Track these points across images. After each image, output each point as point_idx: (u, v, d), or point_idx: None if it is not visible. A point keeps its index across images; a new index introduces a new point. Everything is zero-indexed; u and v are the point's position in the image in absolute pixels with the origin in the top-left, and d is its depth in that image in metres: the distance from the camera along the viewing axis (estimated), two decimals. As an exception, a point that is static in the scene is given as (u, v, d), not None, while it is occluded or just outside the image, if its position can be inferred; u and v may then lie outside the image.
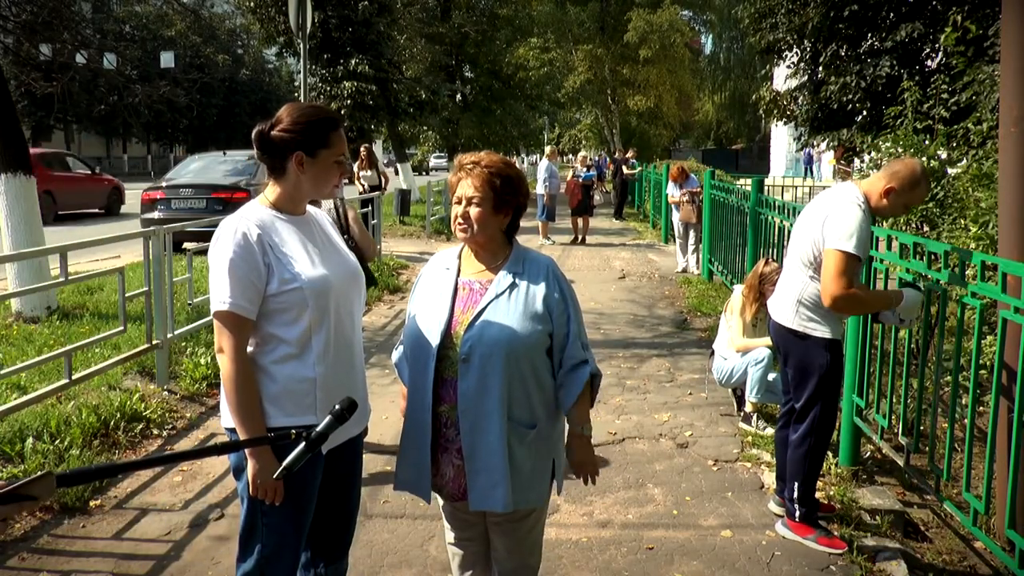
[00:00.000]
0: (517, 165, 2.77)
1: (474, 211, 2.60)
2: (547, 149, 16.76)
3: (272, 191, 2.58)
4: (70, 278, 5.69)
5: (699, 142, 64.70)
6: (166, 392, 6.32)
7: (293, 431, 1.99)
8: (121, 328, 6.15)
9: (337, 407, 2.04)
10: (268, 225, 2.49)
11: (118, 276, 6.14)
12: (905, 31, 12.11)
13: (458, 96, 25.55)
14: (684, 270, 12.94)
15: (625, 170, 23.61)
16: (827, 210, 3.88)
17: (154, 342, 6.39)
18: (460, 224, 2.63)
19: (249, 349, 2.46)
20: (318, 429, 1.99)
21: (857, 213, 3.76)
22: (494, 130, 28.38)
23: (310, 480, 2.56)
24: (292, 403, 2.46)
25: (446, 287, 2.69)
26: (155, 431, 5.70)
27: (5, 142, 8.21)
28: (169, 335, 6.56)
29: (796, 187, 20.67)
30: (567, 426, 2.77)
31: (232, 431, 2.51)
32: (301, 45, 10.71)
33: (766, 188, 11.29)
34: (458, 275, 2.71)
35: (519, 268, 2.66)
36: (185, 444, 5.58)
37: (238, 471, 2.54)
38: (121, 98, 46.65)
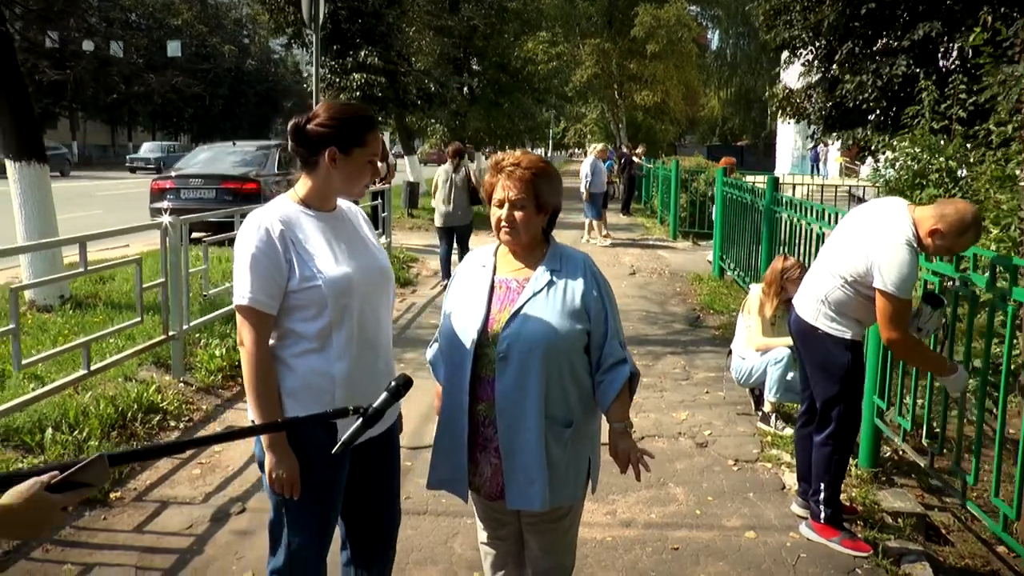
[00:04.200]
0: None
1: (519, 214, 2.60)
2: (597, 146, 16.48)
3: (303, 185, 2.58)
4: (89, 269, 5.67)
5: (704, 138, 64.64)
6: (182, 384, 6.30)
7: (351, 407, 2.04)
8: (138, 319, 6.13)
9: (393, 383, 2.10)
10: (293, 221, 2.50)
11: (135, 267, 6.13)
12: (922, 30, 12.05)
13: (466, 89, 25.46)
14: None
15: (636, 161, 23.59)
16: (876, 233, 3.76)
17: (170, 333, 6.38)
18: (505, 228, 2.63)
19: (271, 342, 2.49)
20: (375, 405, 2.06)
21: (907, 255, 3.64)
22: (501, 123, 28.29)
23: (333, 476, 2.56)
24: (311, 397, 2.47)
25: (482, 285, 2.69)
26: (172, 423, 5.69)
27: (19, 130, 8.19)
28: (185, 326, 6.54)
29: (804, 185, 20.58)
30: (603, 424, 2.77)
31: (254, 420, 2.52)
32: (313, 36, 10.68)
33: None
34: (494, 273, 2.71)
35: (556, 265, 2.66)
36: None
37: (263, 464, 2.55)
38: (130, 86, 46.55)
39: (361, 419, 2.06)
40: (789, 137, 40.70)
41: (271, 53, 62.65)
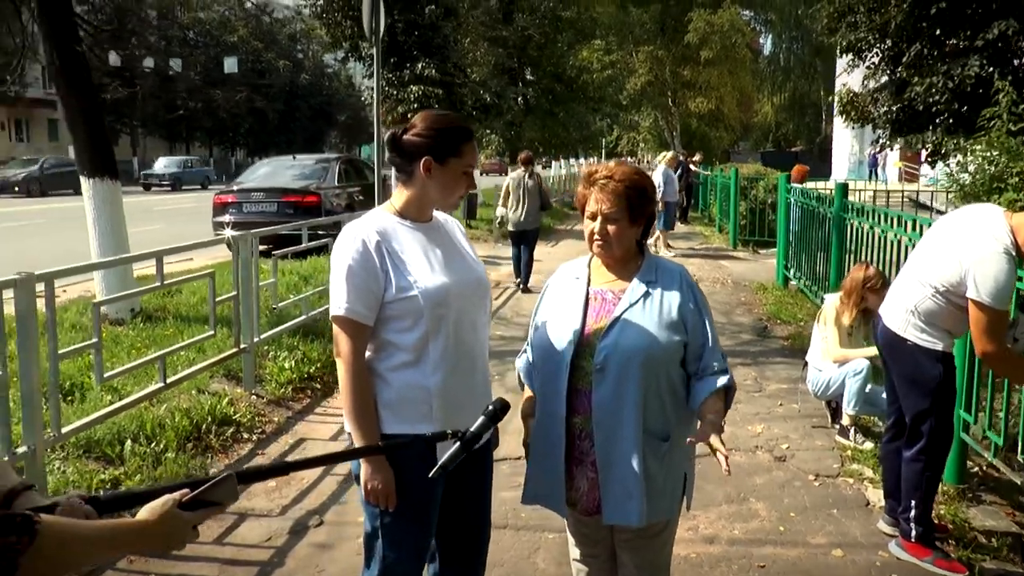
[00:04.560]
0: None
1: (612, 228, 2.59)
2: (667, 155, 16.38)
3: (399, 196, 2.61)
4: (165, 283, 5.76)
5: (758, 144, 63.83)
6: (253, 396, 6.38)
7: (449, 431, 2.06)
8: (211, 332, 6.21)
9: (490, 407, 2.11)
10: (389, 232, 2.52)
11: (209, 280, 6.21)
12: (997, 29, 11.71)
13: (520, 99, 25.53)
14: None
15: (692, 168, 23.40)
16: (970, 241, 3.62)
17: (241, 346, 6.45)
18: (598, 241, 2.62)
19: (367, 354, 2.50)
20: (472, 429, 2.06)
21: (1005, 264, 3.49)
22: (556, 132, 28.31)
23: (429, 492, 2.55)
24: (408, 410, 2.48)
25: (577, 297, 2.67)
26: (245, 435, 5.76)
27: (93, 147, 8.38)
28: (256, 339, 6.61)
29: (864, 191, 20.15)
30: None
31: (350, 434, 2.53)
32: (373, 49, 10.77)
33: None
34: (588, 284, 2.70)
35: (652, 277, 2.64)
36: (275, 449, 5.62)
37: (358, 477, 2.56)
38: (194, 102, 47.59)
39: (459, 443, 2.06)
40: (846, 142, 39.98)
41: (324, 67, 63.51)
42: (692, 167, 23.54)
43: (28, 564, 1.22)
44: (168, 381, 5.60)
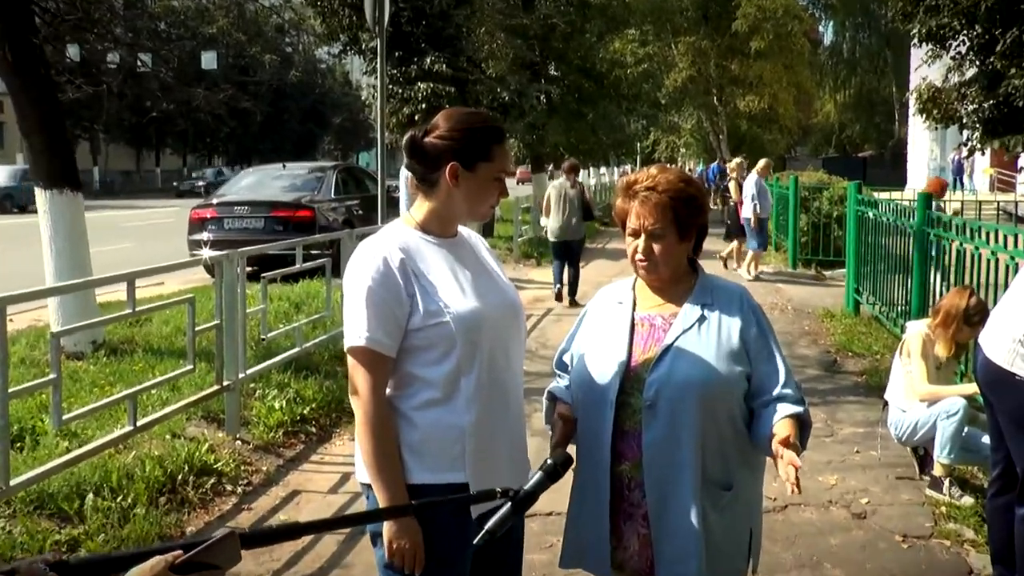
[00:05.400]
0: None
1: (658, 246, 2.60)
2: (760, 163, 16.29)
3: (420, 208, 2.62)
4: (137, 309, 5.76)
5: (818, 149, 63.91)
6: (238, 442, 6.36)
7: (498, 489, 2.04)
8: (189, 367, 6.22)
9: (549, 461, 2.09)
10: (413, 249, 2.53)
11: (188, 307, 6.22)
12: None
13: (543, 98, 25.61)
14: None
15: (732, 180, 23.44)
16: None
17: (224, 383, 6.44)
18: (642, 262, 2.63)
19: (388, 391, 2.49)
20: (526, 488, 2.05)
21: None
22: (584, 136, 28.31)
23: (462, 554, 2.52)
24: (437, 455, 2.47)
25: (621, 324, 2.68)
26: (228, 487, 5.74)
27: (52, 153, 8.40)
28: (241, 375, 6.61)
29: (947, 202, 20.07)
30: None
31: (368, 487, 2.52)
32: (376, 41, 10.84)
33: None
34: (634, 310, 2.70)
35: (708, 299, 2.65)
36: (264, 503, 5.59)
37: (376, 537, 2.53)
38: (167, 103, 48.02)
39: (510, 504, 2.04)
40: (924, 145, 39.84)
41: (317, 63, 64.16)
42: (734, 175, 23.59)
43: None
44: (138, 424, 5.59)
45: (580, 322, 2.84)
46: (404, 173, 12.10)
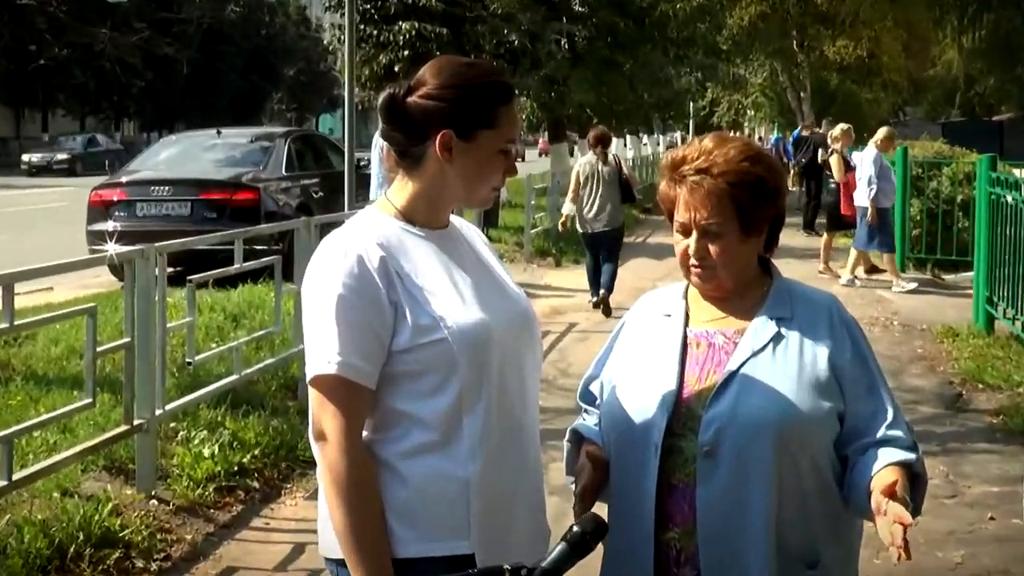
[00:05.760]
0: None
1: (715, 247, 2.59)
2: (880, 132, 15.96)
3: (400, 190, 2.62)
4: (16, 323, 5.73)
5: (936, 110, 63.82)
6: (153, 501, 6.34)
7: (506, 568, 2.06)
8: (87, 400, 6.17)
9: (576, 529, 2.10)
10: (395, 244, 2.52)
11: (87, 320, 6.18)
12: None
13: (565, 42, 25.63)
14: None
15: (823, 155, 23.43)
16: None
17: (135, 423, 6.41)
18: (695, 267, 2.62)
19: (365, 434, 2.47)
20: (545, 565, 2.08)
21: None
22: (619, 93, 28.34)
23: None
24: (433, 519, 2.45)
25: (670, 343, 2.67)
26: (139, 562, 5.71)
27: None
28: (158, 411, 6.59)
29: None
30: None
31: (338, 564, 2.49)
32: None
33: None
34: (687, 324, 2.70)
35: (785, 311, 2.64)
36: (192, 584, 5.58)
37: None
38: (60, 48, 48.14)
39: None
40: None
41: (264, -3, 64.41)
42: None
43: None
44: (14, 478, 5.54)
45: (614, 340, 2.83)
46: (378, 142, 12.06)
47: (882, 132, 15.73)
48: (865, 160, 15.47)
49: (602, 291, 12.93)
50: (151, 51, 51.07)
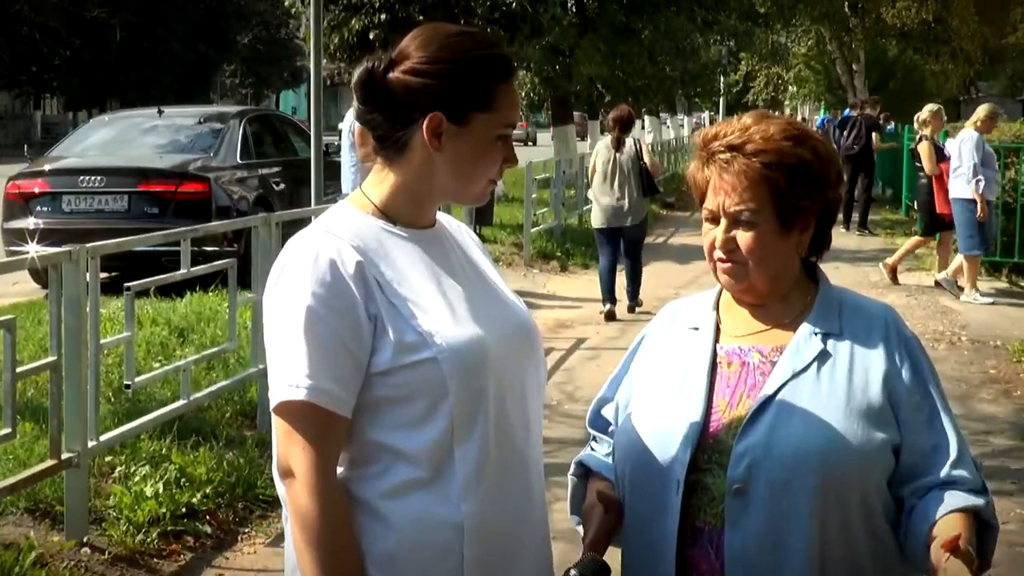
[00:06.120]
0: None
1: (745, 238, 2.58)
2: (980, 111, 15.63)
3: (379, 183, 2.61)
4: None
5: (1016, 86, 63.83)
6: (85, 549, 6.35)
7: None
8: (6, 430, 6.20)
9: (574, 573, 2.15)
10: (373, 247, 2.50)
11: (2, 335, 6.21)
12: None
13: (570, 5, 25.65)
14: None
15: (876, 141, 23.52)
16: None
17: (64, 456, 6.43)
18: (723, 262, 2.62)
19: (341, 471, 2.46)
20: None
21: None
22: (636, 66, 28.33)
23: None
24: (421, 569, 2.45)
25: (696, 362, 2.68)
26: (67, 621, 5.74)
27: None
28: (91, 443, 6.61)
29: None
30: None
31: None
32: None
33: None
34: (717, 340, 2.71)
35: (832, 324, 2.63)
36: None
37: None
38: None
39: None
40: None
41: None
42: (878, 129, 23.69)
43: None
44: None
45: (631, 357, 2.84)
46: (349, 123, 12.03)
47: (982, 110, 15.29)
48: (965, 145, 15.14)
49: (628, 302, 13.28)
50: (77, 14, 51.02)
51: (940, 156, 15.63)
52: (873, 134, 23.37)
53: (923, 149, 15.96)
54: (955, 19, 39.15)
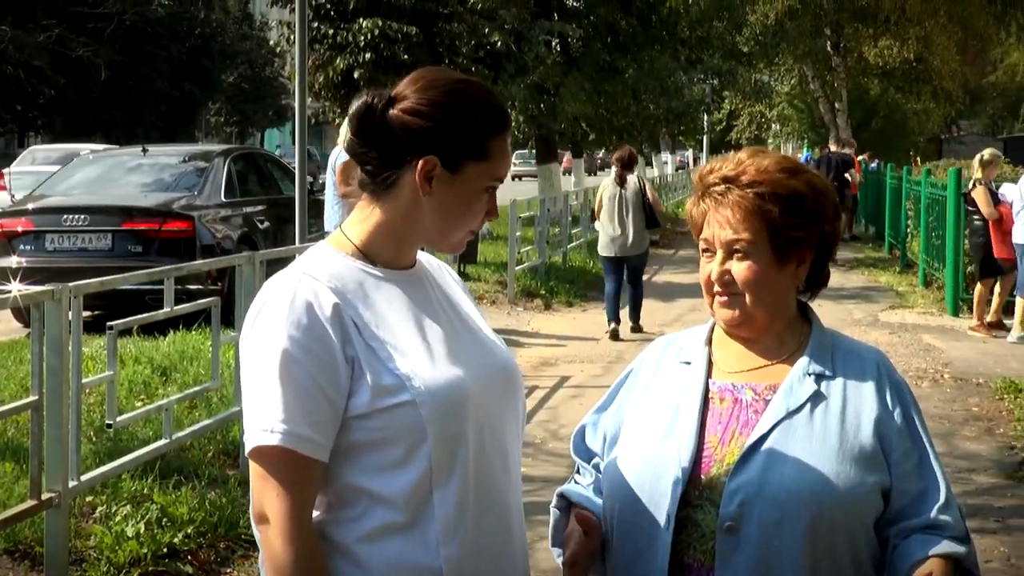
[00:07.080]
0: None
1: (742, 269, 2.59)
2: None
3: (362, 222, 2.59)
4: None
5: (996, 124, 64.09)
6: (66, 590, 6.32)
7: None
8: (-13, 470, 6.18)
9: None
10: (351, 288, 2.49)
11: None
12: None
13: (554, 43, 25.74)
14: None
15: (850, 176, 23.74)
16: None
17: (44, 496, 6.39)
18: (720, 295, 2.63)
19: (317, 514, 2.45)
20: None
21: None
22: (620, 104, 28.39)
23: None
24: None
25: (688, 397, 2.68)
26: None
27: None
28: (72, 483, 6.57)
29: None
30: None
31: None
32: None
33: None
34: (709, 375, 2.71)
35: (826, 365, 2.65)
36: None
37: None
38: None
39: None
40: None
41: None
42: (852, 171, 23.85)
43: None
44: None
45: (618, 389, 2.84)
46: (335, 159, 12.01)
47: None
48: (1017, 189, 15.18)
49: (631, 323, 14.61)
50: (62, 53, 51.07)
51: (995, 200, 15.46)
52: (845, 174, 23.63)
53: (979, 195, 15.75)
54: (936, 58, 39.31)
